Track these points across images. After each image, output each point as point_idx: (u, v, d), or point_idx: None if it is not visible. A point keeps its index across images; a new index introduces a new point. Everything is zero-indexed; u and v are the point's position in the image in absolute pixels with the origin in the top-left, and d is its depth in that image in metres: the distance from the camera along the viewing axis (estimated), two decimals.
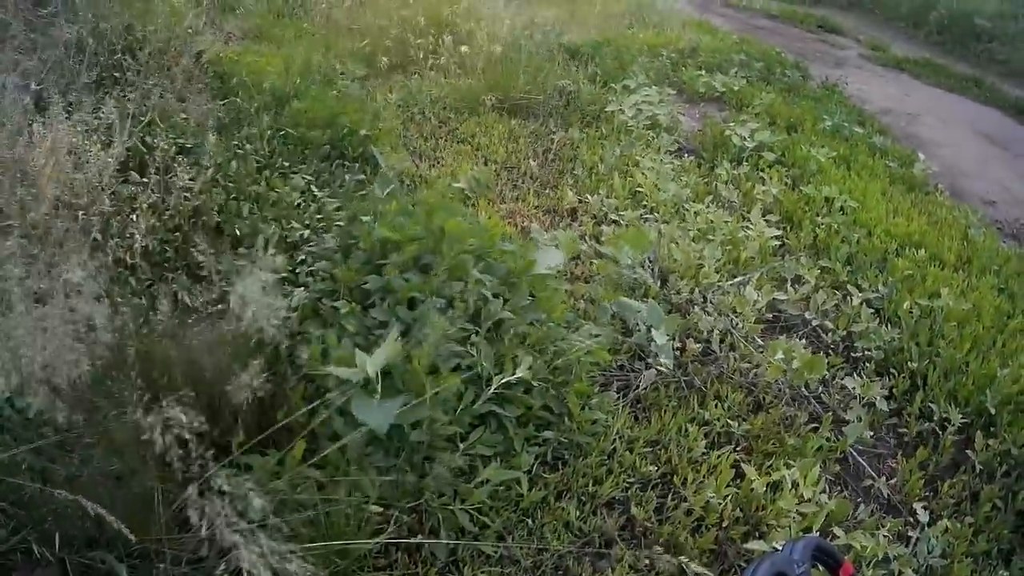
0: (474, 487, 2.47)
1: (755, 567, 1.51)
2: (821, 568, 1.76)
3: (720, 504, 2.67)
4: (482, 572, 2.37)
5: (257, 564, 1.96)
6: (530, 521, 2.54)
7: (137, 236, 2.70)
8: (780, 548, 1.76)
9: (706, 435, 2.95)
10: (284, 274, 2.93)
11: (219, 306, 2.61)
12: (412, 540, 2.42)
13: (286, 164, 3.88)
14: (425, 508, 2.45)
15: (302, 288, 2.85)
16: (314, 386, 2.40)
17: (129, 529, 1.83)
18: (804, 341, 3.54)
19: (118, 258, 2.68)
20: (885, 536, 2.72)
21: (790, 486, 2.76)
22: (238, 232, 3.27)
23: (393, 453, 2.41)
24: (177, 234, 3.13)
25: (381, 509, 2.29)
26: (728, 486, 2.72)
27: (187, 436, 1.71)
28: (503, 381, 2.51)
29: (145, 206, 2.93)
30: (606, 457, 2.76)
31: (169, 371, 2.08)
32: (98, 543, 2.04)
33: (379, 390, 2.30)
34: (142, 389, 1.85)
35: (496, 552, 2.44)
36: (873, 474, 3.10)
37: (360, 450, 2.32)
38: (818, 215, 4.76)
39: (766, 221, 4.36)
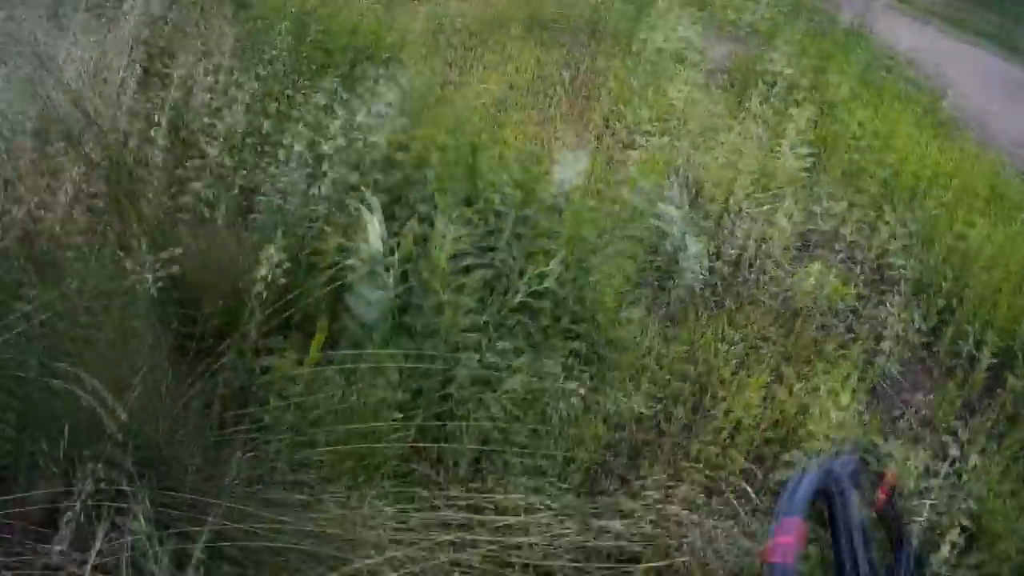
0: (499, 395, 2.41)
1: (798, 481, 1.47)
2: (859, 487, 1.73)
3: (752, 420, 2.62)
4: (506, 482, 2.31)
5: None
6: (557, 431, 2.48)
7: (156, 150, 2.65)
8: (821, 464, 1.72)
9: (737, 353, 2.89)
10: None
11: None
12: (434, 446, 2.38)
13: (307, 82, 3.78)
14: (448, 415, 2.39)
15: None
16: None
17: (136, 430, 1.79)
18: (836, 267, 3.46)
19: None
20: (920, 461, 2.67)
21: (822, 406, 2.71)
22: (259, 147, 3.19)
23: (414, 359, 2.35)
24: (196, 149, 3.06)
25: (402, 415, 2.23)
26: (760, 404, 2.66)
27: None
28: (530, 290, 2.45)
29: (164, 121, 2.86)
30: (635, 370, 2.70)
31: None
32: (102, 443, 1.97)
33: (391, 280, 2.24)
34: None
35: (521, 462, 2.39)
36: (905, 399, 3.05)
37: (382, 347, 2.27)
38: (850, 143, 4.65)
39: (796, 149, 4.25)
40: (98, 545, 1.69)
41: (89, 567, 1.64)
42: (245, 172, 2.84)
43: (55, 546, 1.73)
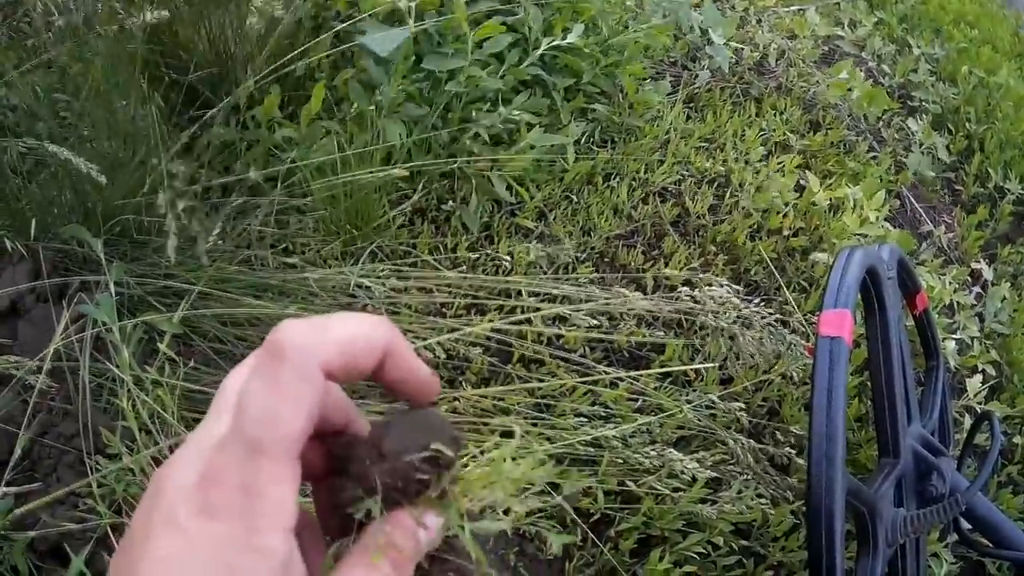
0: (515, 153, 2.13)
1: (849, 252, 1.37)
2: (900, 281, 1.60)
3: (781, 209, 2.39)
4: (519, 247, 2.05)
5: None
6: (575, 198, 2.23)
7: None
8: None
9: (763, 143, 2.64)
10: None
11: None
12: (443, 207, 2.12)
13: None
14: (457, 175, 2.13)
15: None
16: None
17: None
18: (863, 75, 3.22)
19: None
20: (950, 283, 2.49)
21: (853, 205, 2.50)
22: None
23: (427, 108, 2.07)
24: None
25: (407, 173, 1.96)
26: (789, 193, 2.43)
27: None
28: (552, 44, 2.17)
29: None
30: (659, 145, 2.44)
31: None
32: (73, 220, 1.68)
33: (411, 25, 1.95)
34: None
35: (537, 228, 2.14)
36: (930, 222, 2.85)
37: (390, 102, 1.98)
38: None
39: None
40: (57, 338, 1.46)
41: (47, 363, 1.41)
42: None
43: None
